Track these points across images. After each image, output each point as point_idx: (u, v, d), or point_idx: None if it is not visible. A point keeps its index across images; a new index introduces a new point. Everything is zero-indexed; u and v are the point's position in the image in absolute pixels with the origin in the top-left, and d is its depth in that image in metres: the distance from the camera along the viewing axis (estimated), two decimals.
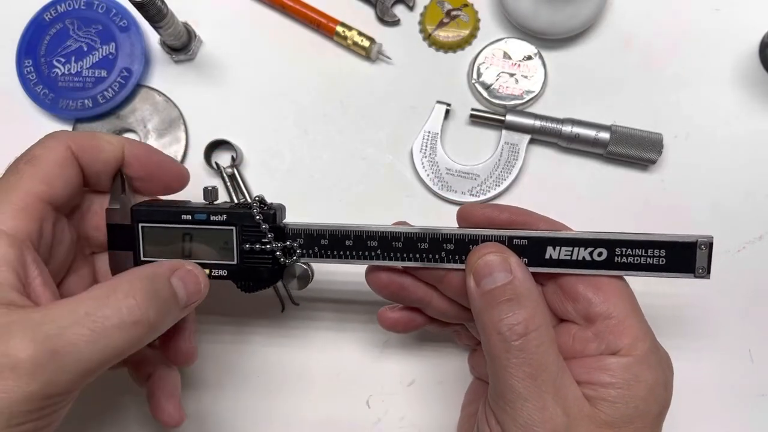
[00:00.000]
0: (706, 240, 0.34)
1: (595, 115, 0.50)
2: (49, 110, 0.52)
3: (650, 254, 0.34)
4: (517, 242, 0.35)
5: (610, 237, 0.35)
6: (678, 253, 0.34)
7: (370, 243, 0.36)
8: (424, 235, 0.36)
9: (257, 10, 0.54)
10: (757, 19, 0.52)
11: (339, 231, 0.37)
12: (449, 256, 0.36)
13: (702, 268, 0.35)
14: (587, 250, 0.35)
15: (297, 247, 0.37)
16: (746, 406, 0.48)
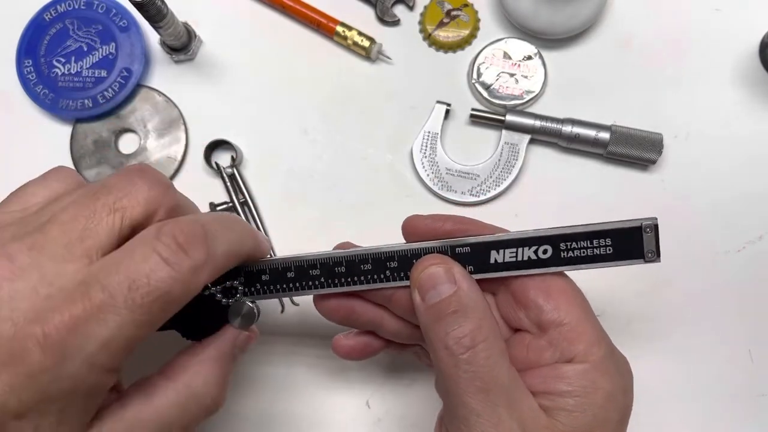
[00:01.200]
0: (650, 222, 0.33)
1: (595, 115, 0.50)
2: (49, 110, 0.52)
3: (596, 245, 0.34)
4: (460, 251, 0.34)
5: (552, 233, 0.34)
6: (624, 239, 0.33)
7: (312, 272, 0.35)
8: (366, 256, 0.35)
9: (257, 10, 0.54)
10: (758, 19, 0.52)
11: (279, 264, 0.36)
12: (394, 274, 0.35)
13: (651, 252, 0.33)
14: (531, 249, 0.34)
15: (238, 285, 0.36)
16: (746, 406, 0.48)
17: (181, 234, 0.30)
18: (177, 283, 0.29)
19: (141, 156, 0.52)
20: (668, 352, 0.48)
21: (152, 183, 0.32)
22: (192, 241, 0.30)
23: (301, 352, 0.50)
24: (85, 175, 0.52)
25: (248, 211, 0.51)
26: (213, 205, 0.50)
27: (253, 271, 0.36)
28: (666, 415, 0.48)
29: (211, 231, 0.31)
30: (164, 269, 0.28)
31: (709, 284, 0.49)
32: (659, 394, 0.48)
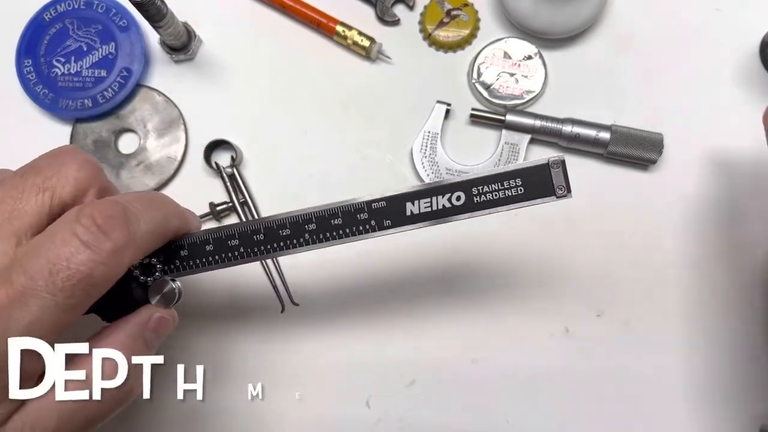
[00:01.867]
0: (557, 158, 0.34)
1: (595, 115, 0.50)
2: (48, 110, 0.52)
3: (507, 186, 0.34)
4: (375, 205, 0.35)
5: (464, 179, 0.34)
6: (533, 178, 0.34)
7: (231, 242, 0.35)
8: (284, 221, 0.35)
9: (257, 10, 0.54)
10: (758, 19, 0.52)
11: (197, 238, 0.35)
12: (312, 237, 0.35)
13: (561, 187, 0.34)
14: (445, 197, 0.35)
15: (156, 263, 0.35)
16: (748, 405, 0.48)
17: (101, 215, 0.29)
18: (98, 265, 0.29)
19: (141, 156, 0.52)
20: (669, 352, 0.48)
21: (82, 163, 0.32)
22: (112, 222, 0.29)
23: (301, 351, 0.50)
24: None
25: (248, 211, 0.51)
26: (213, 205, 0.50)
27: (172, 248, 0.35)
28: (668, 415, 0.48)
29: (132, 211, 0.31)
30: (84, 252, 0.28)
31: (710, 284, 0.49)
32: (662, 394, 0.48)
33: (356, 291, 0.50)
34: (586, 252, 0.50)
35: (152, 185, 0.51)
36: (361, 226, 0.35)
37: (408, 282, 0.50)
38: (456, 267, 0.50)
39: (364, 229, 0.35)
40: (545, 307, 0.49)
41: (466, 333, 0.49)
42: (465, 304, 0.49)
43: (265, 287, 0.50)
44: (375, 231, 0.35)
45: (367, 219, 0.35)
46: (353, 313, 0.50)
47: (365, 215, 0.35)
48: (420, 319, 0.49)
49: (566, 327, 0.49)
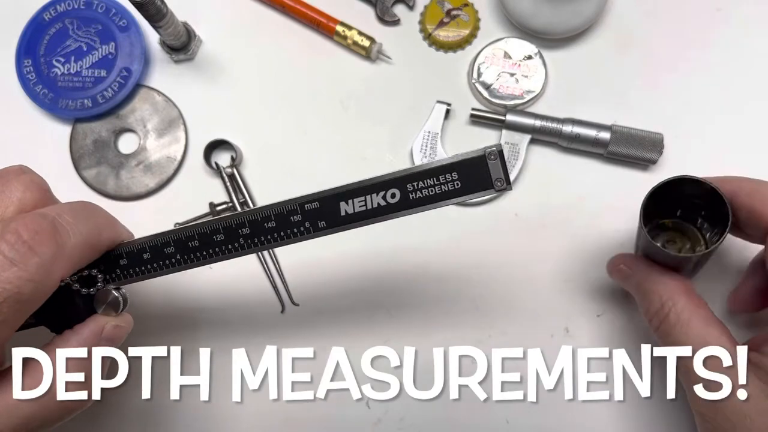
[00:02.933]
0: (493, 149, 0.32)
1: (595, 115, 0.50)
2: (48, 110, 0.52)
3: (443, 180, 0.32)
4: (309, 207, 0.34)
5: (397, 175, 0.33)
6: (470, 171, 0.32)
7: (166, 250, 0.35)
8: (217, 226, 0.34)
9: (257, 10, 0.54)
10: (758, 18, 0.52)
11: (134, 246, 0.35)
12: (248, 241, 0.34)
13: (500, 180, 0.32)
14: (380, 195, 0.33)
15: (97, 274, 0.35)
16: None
17: (27, 230, 0.29)
18: (26, 282, 0.28)
19: (140, 156, 0.52)
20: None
21: (28, 184, 0.32)
22: (39, 237, 0.29)
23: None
24: (84, 175, 0.52)
25: None
26: (212, 205, 0.50)
27: (111, 257, 0.35)
28: (666, 415, 0.47)
29: (61, 224, 0.31)
30: (10, 269, 0.28)
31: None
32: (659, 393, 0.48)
33: (356, 291, 0.50)
34: (586, 251, 0.50)
35: (152, 185, 0.51)
36: (295, 229, 0.34)
37: (409, 281, 0.50)
38: (457, 265, 0.50)
39: (299, 231, 0.34)
40: (545, 307, 0.49)
41: (466, 332, 0.49)
42: (466, 304, 0.49)
43: (265, 287, 0.50)
44: (310, 233, 0.34)
45: (301, 221, 0.34)
46: (353, 313, 0.50)
47: (299, 217, 0.34)
48: (420, 319, 0.49)
49: (566, 327, 0.49)
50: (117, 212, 0.51)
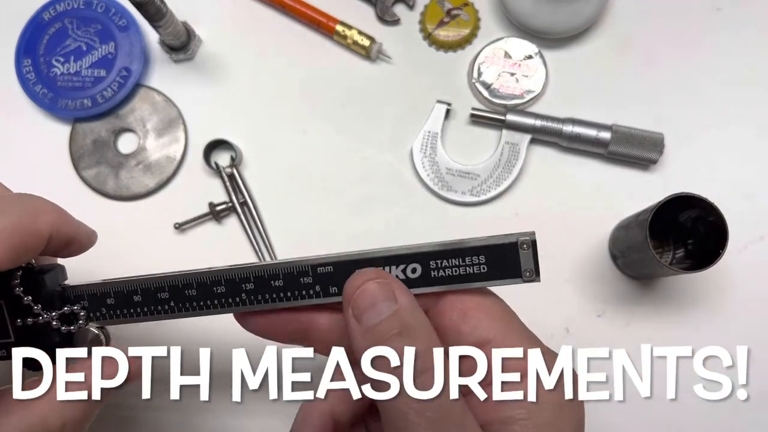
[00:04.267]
0: (527, 238, 0.30)
1: (596, 115, 0.50)
2: (48, 110, 0.52)
3: (469, 263, 0.30)
4: (321, 270, 0.31)
5: (420, 250, 0.31)
6: (499, 257, 0.30)
7: (160, 295, 0.32)
8: (219, 278, 0.32)
9: (257, 10, 0.54)
10: (758, 18, 0.52)
11: (124, 287, 0.32)
12: (250, 297, 0.32)
13: (529, 271, 0.30)
14: (399, 268, 0.31)
15: (80, 311, 0.33)
16: (749, 408, 0.48)
17: None
18: None
19: (140, 155, 0.52)
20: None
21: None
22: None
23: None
24: (84, 175, 0.52)
25: (248, 212, 0.50)
26: (212, 205, 0.50)
27: (97, 295, 0.33)
28: (667, 415, 0.47)
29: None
30: None
31: (710, 285, 0.49)
32: (659, 393, 0.48)
33: None
34: (586, 251, 0.49)
35: (152, 185, 0.51)
36: (304, 291, 0.31)
37: None
38: None
39: (308, 294, 0.31)
40: (545, 307, 0.49)
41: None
42: None
43: None
44: (319, 297, 0.31)
45: (311, 284, 0.31)
46: None
47: (309, 279, 0.31)
48: None
49: (566, 327, 0.49)
50: (117, 212, 0.52)
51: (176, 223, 0.50)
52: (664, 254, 0.49)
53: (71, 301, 0.33)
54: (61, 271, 0.34)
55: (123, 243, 0.51)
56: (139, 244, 0.51)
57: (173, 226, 0.50)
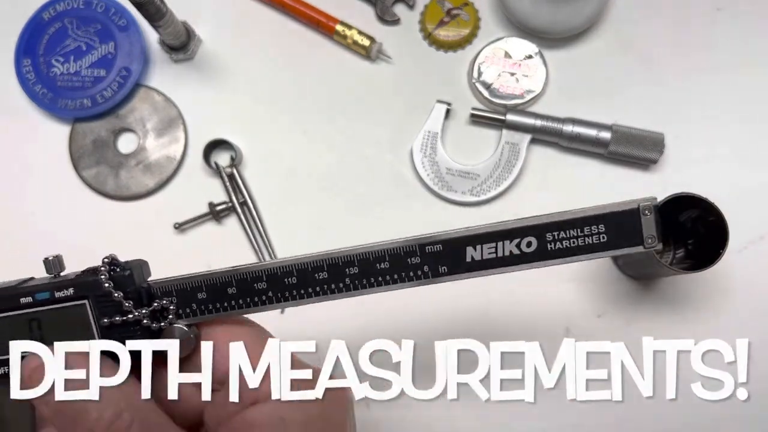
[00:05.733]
0: (649, 203, 0.29)
1: (596, 115, 0.50)
2: (48, 110, 0.52)
3: (588, 233, 0.29)
4: (430, 249, 0.30)
5: (537, 221, 0.29)
6: (620, 224, 0.29)
7: (257, 285, 0.31)
8: (322, 262, 0.31)
9: (257, 9, 0.54)
10: (759, 18, 0.52)
11: (218, 279, 0.31)
12: (355, 281, 0.31)
13: (651, 237, 0.29)
14: (513, 243, 0.29)
15: (169, 305, 0.31)
16: (747, 409, 0.48)
17: None
18: None
19: (140, 155, 0.52)
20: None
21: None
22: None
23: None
24: (84, 175, 0.52)
25: (248, 211, 0.50)
26: (212, 205, 0.50)
27: (187, 289, 0.31)
28: (667, 415, 0.47)
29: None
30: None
31: (710, 284, 0.49)
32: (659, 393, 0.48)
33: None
34: None
35: (151, 185, 0.51)
36: (411, 272, 0.30)
37: None
38: None
39: (416, 275, 0.30)
40: (545, 308, 0.49)
41: (466, 333, 0.49)
42: (465, 304, 0.49)
43: None
44: (428, 278, 0.30)
45: (419, 264, 0.30)
46: (353, 313, 0.50)
47: (417, 259, 0.30)
48: (420, 320, 0.49)
49: (566, 327, 0.49)
50: (117, 212, 0.52)
51: (176, 223, 0.50)
52: (665, 254, 0.49)
53: (160, 297, 0.31)
54: (145, 267, 0.32)
55: (123, 243, 0.50)
56: (139, 244, 0.51)
57: (173, 226, 0.50)
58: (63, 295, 0.30)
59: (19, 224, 0.51)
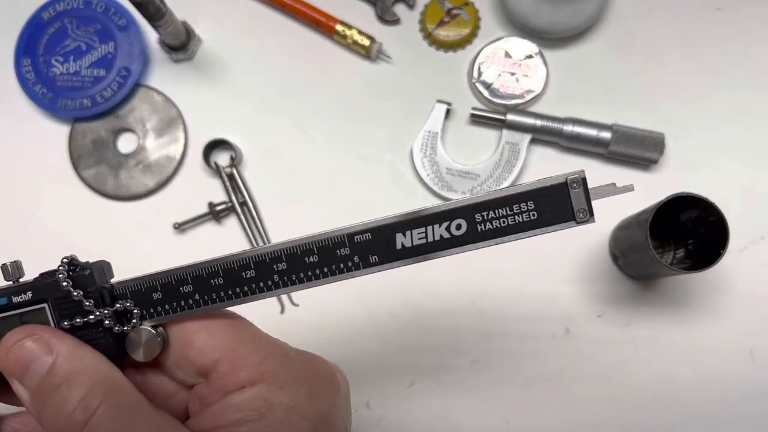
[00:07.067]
0: (576, 176, 0.28)
1: (596, 115, 0.50)
2: (47, 110, 0.52)
3: (517, 211, 0.29)
4: (359, 239, 0.29)
5: (463, 203, 0.29)
6: (548, 200, 0.29)
7: (214, 281, 0.30)
8: (279, 253, 0.29)
9: (257, 9, 0.53)
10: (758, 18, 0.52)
11: (173, 277, 0.29)
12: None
13: (582, 211, 0.29)
14: (443, 227, 0.29)
15: (132, 307, 0.29)
16: (747, 407, 0.48)
17: None
18: None
19: (140, 155, 0.52)
20: (668, 353, 0.48)
21: None
22: None
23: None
24: (84, 175, 0.52)
25: (247, 211, 0.50)
26: (212, 205, 0.50)
27: (141, 290, 0.30)
28: (667, 416, 0.47)
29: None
30: None
31: (710, 284, 0.49)
32: (660, 394, 0.48)
33: (356, 291, 0.49)
34: (586, 252, 0.49)
35: (151, 185, 0.51)
36: (342, 264, 0.29)
37: (408, 281, 0.49)
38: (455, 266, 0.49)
39: (345, 267, 0.29)
40: (545, 308, 0.49)
41: (466, 333, 0.49)
42: (465, 304, 0.49)
43: None
44: (359, 269, 0.29)
45: (349, 255, 0.29)
46: (353, 314, 0.50)
47: (346, 250, 0.29)
48: (420, 320, 0.49)
49: (567, 327, 0.49)
50: (116, 212, 0.52)
51: (176, 223, 0.50)
52: (665, 254, 0.49)
53: (122, 297, 0.30)
54: (107, 268, 0.31)
55: (122, 243, 0.51)
56: (139, 244, 0.51)
57: (173, 226, 0.50)
58: (21, 300, 0.29)
59: (18, 224, 0.51)
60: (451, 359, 0.49)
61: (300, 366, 0.31)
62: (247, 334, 0.30)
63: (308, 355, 0.32)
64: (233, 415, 0.28)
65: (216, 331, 0.30)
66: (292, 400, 0.29)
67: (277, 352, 0.30)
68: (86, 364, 0.28)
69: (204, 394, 0.29)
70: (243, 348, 0.29)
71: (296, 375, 0.30)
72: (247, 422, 0.28)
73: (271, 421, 0.28)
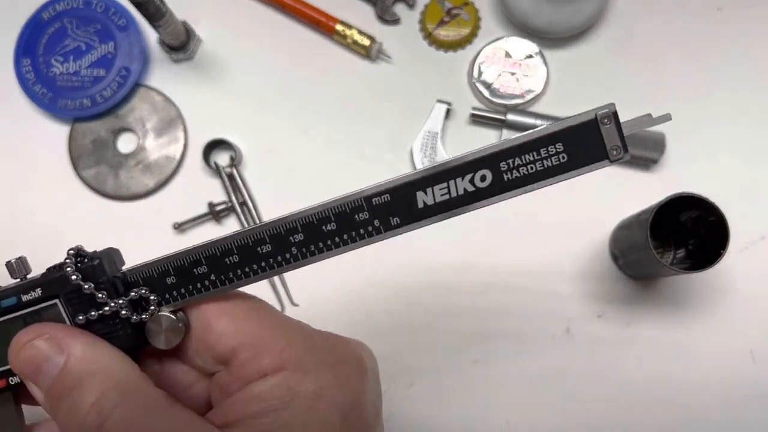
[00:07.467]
0: (606, 110, 0.26)
1: None
2: (47, 110, 0.52)
3: (545, 155, 0.27)
4: (377, 201, 0.27)
5: (487, 152, 0.26)
6: (579, 140, 0.26)
7: (229, 259, 0.28)
8: (295, 224, 0.29)
9: (257, 9, 0.53)
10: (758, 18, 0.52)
11: (186, 258, 0.28)
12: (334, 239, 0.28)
13: (616, 148, 0.26)
14: (466, 179, 0.27)
15: (148, 294, 0.28)
16: (747, 407, 0.48)
17: None
18: None
19: (140, 155, 0.52)
20: (669, 353, 0.48)
21: None
22: None
23: None
24: (83, 175, 0.52)
25: (247, 212, 0.50)
26: (212, 205, 0.50)
27: (154, 276, 0.28)
28: (667, 416, 0.47)
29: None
30: None
31: (710, 284, 0.49)
32: (660, 394, 0.48)
33: (356, 291, 0.49)
34: (586, 251, 0.49)
35: (151, 185, 0.51)
36: (362, 229, 0.28)
37: (407, 281, 0.49)
38: (455, 266, 0.49)
39: (366, 232, 0.28)
40: (545, 308, 0.49)
41: (466, 333, 0.49)
42: (465, 304, 0.49)
43: (265, 287, 0.49)
44: (380, 233, 0.27)
45: (369, 219, 0.27)
46: (353, 314, 0.50)
47: (365, 215, 0.28)
48: (420, 320, 0.49)
49: (567, 327, 0.49)
50: (116, 212, 0.52)
51: (175, 223, 0.50)
52: (665, 254, 0.49)
53: (137, 285, 0.28)
54: (117, 255, 0.30)
55: (122, 243, 0.50)
56: (139, 244, 0.50)
57: (172, 226, 0.50)
58: (31, 298, 0.28)
59: (18, 224, 0.51)
60: (451, 359, 0.49)
61: (325, 350, 0.29)
62: (269, 318, 0.29)
63: (333, 337, 0.30)
64: (256, 406, 0.26)
65: (236, 316, 0.28)
66: (318, 386, 0.27)
67: (300, 336, 0.28)
68: (100, 364, 0.26)
69: (225, 383, 0.28)
70: (264, 333, 0.28)
71: (321, 360, 0.28)
72: (270, 412, 0.26)
73: (297, 410, 0.26)
